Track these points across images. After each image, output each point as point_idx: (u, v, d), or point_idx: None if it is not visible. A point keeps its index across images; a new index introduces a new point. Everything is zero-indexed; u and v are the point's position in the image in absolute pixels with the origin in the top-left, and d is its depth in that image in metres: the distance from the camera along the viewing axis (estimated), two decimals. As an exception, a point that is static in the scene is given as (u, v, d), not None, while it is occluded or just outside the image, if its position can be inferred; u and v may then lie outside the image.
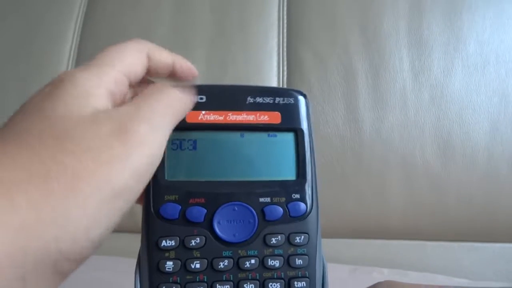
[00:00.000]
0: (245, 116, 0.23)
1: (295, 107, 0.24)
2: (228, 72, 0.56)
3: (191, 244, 0.21)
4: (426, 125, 0.52)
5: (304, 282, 0.22)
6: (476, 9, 0.55)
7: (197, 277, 0.21)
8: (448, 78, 0.53)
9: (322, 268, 0.23)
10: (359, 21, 0.56)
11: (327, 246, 0.23)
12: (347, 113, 0.53)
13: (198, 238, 0.21)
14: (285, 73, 0.56)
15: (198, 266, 0.21)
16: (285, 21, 0.58)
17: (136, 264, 0.22)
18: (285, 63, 0.56)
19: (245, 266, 0.21)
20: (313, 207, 0.23)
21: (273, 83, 0.56)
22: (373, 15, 0.56)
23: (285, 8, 0.58)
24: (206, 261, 0.21)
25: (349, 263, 0.48)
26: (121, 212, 0.17)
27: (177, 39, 0.58)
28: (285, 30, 0.58)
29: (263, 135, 0.23)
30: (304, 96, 0.24)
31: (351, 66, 0.54)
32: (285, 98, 0.24)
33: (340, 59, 0.55)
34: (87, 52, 0.58)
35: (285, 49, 0.57)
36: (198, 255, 0.21)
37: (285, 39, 0.57)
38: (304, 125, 0.24)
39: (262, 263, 0.22)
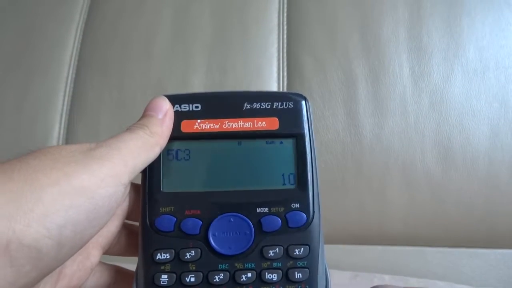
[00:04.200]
0: (241, 123, 0.22)
1: (294, 111, 0.23)
2: (228, 78, 0.56)
3: (186, 257, 0.21)
4: (426, 130, 0.52)
5: None
6: (475, 15, 0.55)
7: None
8: (448, 84, 0.53)
9: (325, 281, 0.22)
10: (359, 27, 0.56)
11: (326, 252, 0.23)
12: (347, 118, 0.53)
13: (193, 251, 0.21)
14: (285, 78, 0.56)
15: (193, 279, 0.20)
16: (285, 27, 0.58)
17: (134, 277, 0.22)
18: (285, 68, 0.56)
19: (242, 279, 0.20)
20: (315, 217, 0.22)
21: (273, 88, 0.56)
22: (373, 21, 0.56)
23: (285, 14, 0.59)
24: (201, 274, 0.21)
25: (349, 269, 0.48)
26: (83, 210, 0.17)
27: (177, 45, 0.58)
28: (285, 36, 0.58)
29: (261, 143, 0.22)
30: (304, 99, 0.23)
31: (351, 72, 0.54)
32: (284, 103, 0.23)
33: (340, 65, 0.55)
34: (88, 59, 0.59)
35: (285, 54, 0.57)
36: (194, 268, 0.21)
37: (285, 45, 0.57)
38: (304, 130, 0.23)
39: (259, 277, 0.21)
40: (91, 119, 0.55)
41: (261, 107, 0.23)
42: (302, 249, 0.21)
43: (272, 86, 0.56)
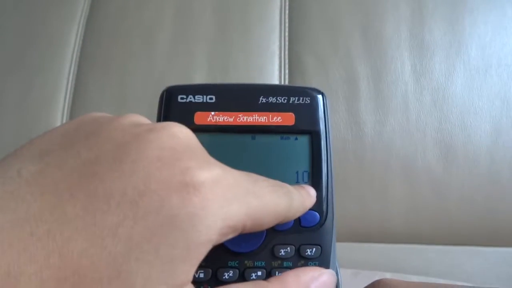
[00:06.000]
0: (256, 117, 0.22)
1: (311, 107, 0.22)
2: (229, 76, 0.56)
3: None
4: (427, 128, 0.52)
5: None
6: (478, 13, 0.55)
7: (201, 287, 0.20)
8: (449, 82, 0.53)
9: (336, 282, 0.21)
10: (360, 25, 0.56)
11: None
12: (349, 116, 0.53)
13: None
14: (287, 76, 0.56)
15: (202, 275, 0.20)
16: (286, 25, 0.58)
17: None
18: (286, 66, 0.56)
19: (251, 277, 0.20)
20: (328, 217, 0.21)
21: (275, 86, 0.56)
22: (374, 19, 0.56)
23: (286, 12, 0.58)
24: (210, 271, 0.20)
25: (350, 267, 0.48)
26: None
27: (178, 43, 0.58)
28: (286, 34, 0.58)
29: (275, 138, 0.22)
30: (322, 94, 0.23)
31: (353, 70, 0.54)
32: (301, 98, 0.22)
33: (342, 63, 0.55)
34: (90, 56, 0.59)
35: (286, 52, 0.57)
36: (203, 264, 0.19)
37: (286, 43, 0.57)
38: (320, 127, 0.22)
39: (269, 276, 0.20)
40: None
41: (277, 101, 0.22)
42: (314, 249, 0.20)
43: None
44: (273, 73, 0.56)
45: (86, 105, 0.56)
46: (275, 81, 0.56)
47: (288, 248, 0.20)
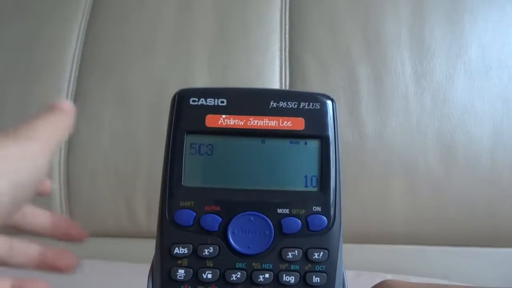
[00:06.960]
0: (266, 121, 0.22)
1: (321, 112, 0.23)
2: (230, 77, 0.56)
3: (204, 253, 0.21)
4: (428, 130, 0.52)
5: None
6: (478, 13, 0.55)
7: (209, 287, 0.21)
8: (450, 83, 0.53)
9: (342, 287, 0.21)
10: (361, 26, 0.56)
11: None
12: (350, 117, 0.53)
13: (211, 248, 0.21)
14: (287, 77, 0.56)
15: (210, 276, 0.20)
16: (287, 26, 0.58)
17: (150, 271, 0.22)
18: (287, 67, 0.56)
19: (259, 280, 0.20)
20: (335, 222, 0.21)
21: (275, 87, 0.56)
22: (374, 20, 0.56)
23: (287, 13, 0.58)
24: (218, 271, 0.21)
25: (352, 268, 0.48)
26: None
27: (179, 44, 0.58)
28: (287, 35, 0.58)
29: (285, 142, 0.22)
30: (332, 100, 0.23)
31: (353, 71, 0.54)
32: (311, 103, 0.23)
33: (342, 64, 0.55)
34: (91, 58, 0.59)
35: (287, 53, 0.57)
36: (211, 265, 0.21)
37: (287, 44, 0.57)
38: (330, 132, 0.22)
39: (277, 278, 0.21)
40: (94, 118, 0.55)
41: (288, 106, 0.22)
42: (322, 253, 0.21)
43: (274, 85, 0.56)
44: (273, 74, 0.56)
45: (87, 107, 0.56)
46: (276, 82, 0.56)
47: (296, 251, 0.21)
